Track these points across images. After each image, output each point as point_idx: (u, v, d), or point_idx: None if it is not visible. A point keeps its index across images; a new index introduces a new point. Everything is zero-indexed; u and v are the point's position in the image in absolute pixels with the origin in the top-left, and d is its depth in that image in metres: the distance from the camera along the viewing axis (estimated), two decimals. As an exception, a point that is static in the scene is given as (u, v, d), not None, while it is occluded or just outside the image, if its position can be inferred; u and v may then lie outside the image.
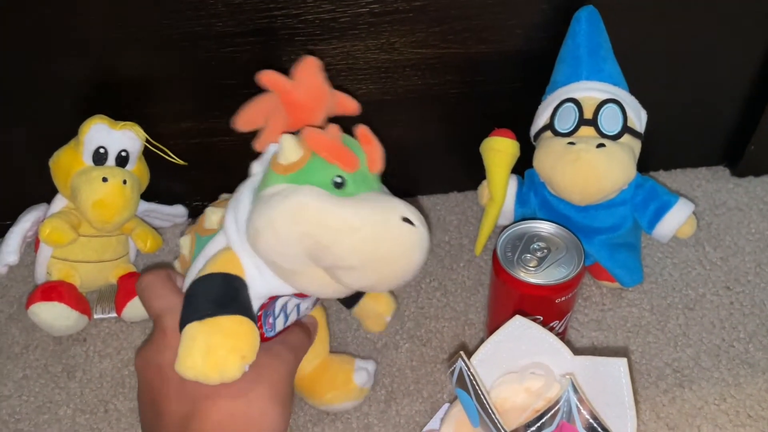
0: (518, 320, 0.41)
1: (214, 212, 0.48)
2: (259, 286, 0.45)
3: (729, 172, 0.78)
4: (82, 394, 0.60)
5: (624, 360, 0.38)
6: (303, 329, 0.51)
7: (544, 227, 0.56)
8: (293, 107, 0.47)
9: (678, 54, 0.68)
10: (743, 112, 0.74)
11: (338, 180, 0.43)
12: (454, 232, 0.74)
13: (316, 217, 0.41)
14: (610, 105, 0.58)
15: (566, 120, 0.59)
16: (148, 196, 0.68)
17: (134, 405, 0.59)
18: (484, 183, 0.65)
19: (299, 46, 0.62)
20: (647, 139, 0.63)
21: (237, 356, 0.41)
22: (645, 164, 0.78)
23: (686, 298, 0.66)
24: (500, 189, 0.64)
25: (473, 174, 0.68)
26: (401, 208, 0.42)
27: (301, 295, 0.49)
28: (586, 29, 0.59)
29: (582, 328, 0.64)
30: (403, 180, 0.75)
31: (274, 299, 0.47)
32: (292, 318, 0.51)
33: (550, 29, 0.63)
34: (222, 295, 0.43)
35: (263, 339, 0.48)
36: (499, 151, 0.63)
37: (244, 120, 0.47)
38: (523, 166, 0.65)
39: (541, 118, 0.62)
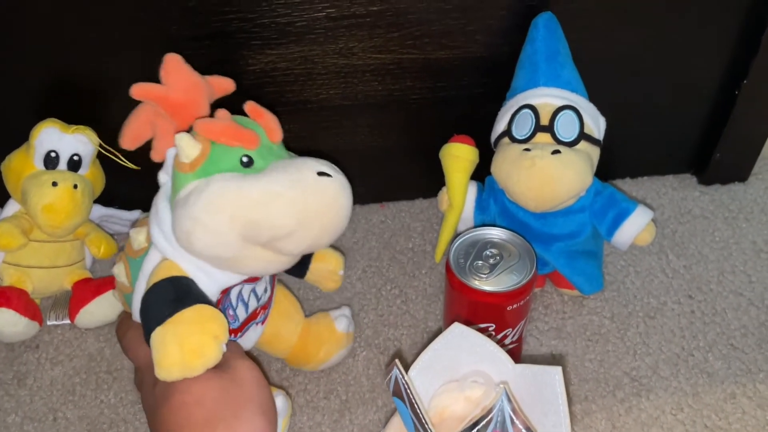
0: (457, 328, 0.40)
1: (139, 232, 0.48)
2: (207, 285, 0.46)
3: (696, 180, 0.78)
4: (32, 402, 0.59)
5: (558, 368, 0.37)
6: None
7: (497, 234, 0.55)
8: (174, 108, 0.46)
9: (643, 61, 0.68)
10: (709, 121, 0.74)
11: (245, 159, 0.44)
12: (417, 239, 0.73)
13: (238, 198, 0.41)
14: (567, 111, 0.58)
15: (523, 126, 0.59)
16: (105, 200, 0.67)
17: (83, 413, 0.58)
18: (444, 189, 0.65)
19: (256, 50, 0.61)
20: (613, 146, 0.63)
21: (210, 337, 0.42)
22: (611, 172, 0.78)
23: (647, 307, 0.65)
24: (459, 195, 0.63)
25: (438, 180, 0.67)
26: (313, 164, 0.44)
27: (251, 280, 0.50)
28: (544, 35, 0.59)
29: (542, 337, 0.63)
30: (367, 187, 0.75)
31: (226, 292, 0.48)
32: (252, 305, 0.52)
33: (511, 35, 0.63)
34: (175, 294, 0.44)
35: (230, 331, 0.48)
36: (457, 157, 0.62)
37: (130, 137, 0.46)
38: (484, 172, 0.64)
39: (500, 124, 0.62)
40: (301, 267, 0.57)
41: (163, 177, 0.47)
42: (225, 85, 0.50)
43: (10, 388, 0.60)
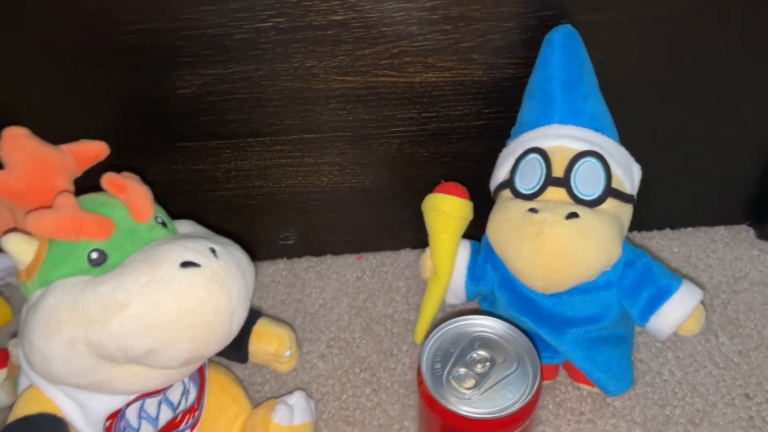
0: None
1: (16, 345, 0.40)
2: (82, 415, 0.37)
3: (753, 233, 0.63)
4: None
5: None
6: None
7: (489, 326, 0.41)
8: (19, 197, 0.37)
9: (690, 88, 0.53)
10: (772, 160, 0.58)
11: (94, 255, 0.36)
12: (400, 303, 0.59)
13: (72, 317, 0.34)
14: (588, 159, 0.43)
15: (530, 177, 0.44)
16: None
17: None
18: (427, 252, 0.50)
19: (186, 69, 0.48)
20: (649, 189, 0.49)
21: None
22: (646, 221, 0.63)
23: (691, 409, 0.50)
24: (446, 261, 0.49)
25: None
26: (177, 252, 0.35)
27: (152, 393, 0.40)
28: (561, 56, 0.45)
29: (551, 447, 0.48)
30: (340, 234, 0.61)
31: (118, 414, 0.39)
32: (165, 417, 0.42)
33: (519, 53, 0.49)
34: None
35: None
36: (443, 212, 0.48)
37: None
38: (480, 228, 0.50)
39: (501, 171, 0.47)
40: (238, 351, 0.47)
41: None
42: (93, 151, 0.41)
43: None
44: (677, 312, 0.45)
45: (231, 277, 0.36)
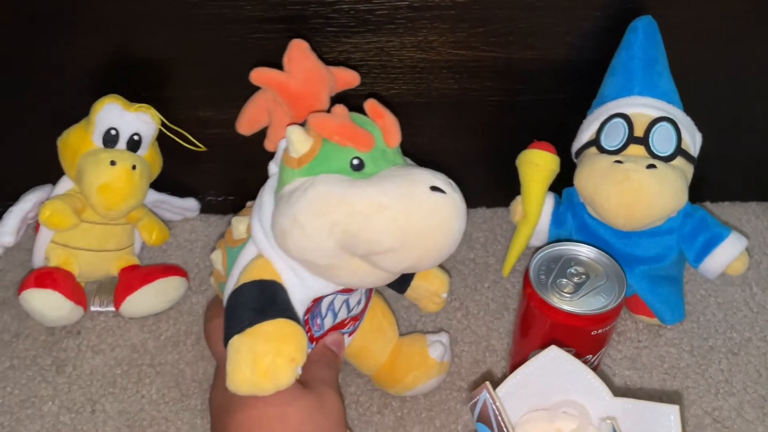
0: (553, 351, 0.36)
1: (241, 221, 0.46)
2: (299, 290, 0.43)
3: (782, 208, 0.73)
4: (70, 391, 0.56)
5: (675, 408, 0.33)
6: (325, 361, 0.47)
7: (583, 251, 0.51)
8: (293, 98, 0.44)
9: (735, 78, 0.63)
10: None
11: (356, 162, 0.41)
12: (480, 250, 0.69)
13: (340, 204, 0.38)
14: (664, 123, 0.53)
15: (614, 136, 0.54)
16: (159, 186, 0.64)
17: (123, 407, 0.54)
18: (518, 199, 0.61)
19: (331, 37, 0.58)
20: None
21: (285, 360, 0.39)
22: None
23: (730, 342, 0.60)
24: (535, 207, 0.59)
25: (505, 190, 0.63)
26: (428, 177, 0.39)
27: (346, 291, 0.46)
28: (643, 41, 0.55)
29: (614, 366, 0.58)
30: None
31: (318, 300, 0.45)
32: (342, 315, 0.48)
33: (602, 39, 0.59)
34: (259, 301, 0.41)
35: (312, 340, 0.47)
36: (537, 165, 0.58)
37: (247, 122, 0.45)
38: (561, 184, 0.60)
39: (586, 133, 0.57)
40: (402, 282, 0.53)
41: (273, 168, 0.45)
42: (349, 78, 0.47)
43: (48, 375, 0.57)
44: (727, 255, 0.55)
45: (463, 210, 0.40)
